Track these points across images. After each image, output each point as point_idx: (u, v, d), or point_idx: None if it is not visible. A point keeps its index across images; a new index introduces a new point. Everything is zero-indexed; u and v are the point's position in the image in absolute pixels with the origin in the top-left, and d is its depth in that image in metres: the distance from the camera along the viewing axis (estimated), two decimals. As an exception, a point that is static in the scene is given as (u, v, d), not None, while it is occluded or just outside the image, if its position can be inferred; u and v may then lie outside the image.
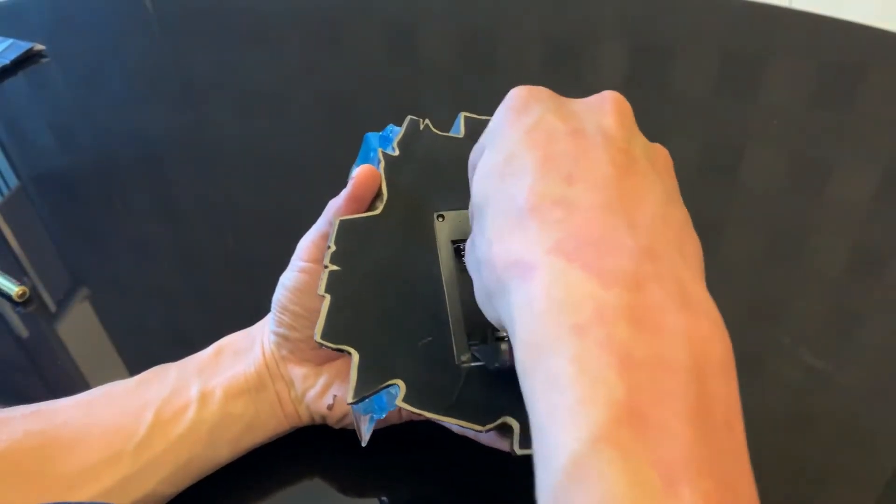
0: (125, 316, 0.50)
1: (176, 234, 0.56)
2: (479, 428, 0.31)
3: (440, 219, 0.36)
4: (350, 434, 0.38)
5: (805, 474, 0.40)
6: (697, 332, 0.21)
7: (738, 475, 0.20)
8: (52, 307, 0.50)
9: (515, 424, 0.31)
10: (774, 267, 0.51)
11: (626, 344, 0.21)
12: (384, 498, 0.39)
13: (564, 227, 0.23)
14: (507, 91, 0.29)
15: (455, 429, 0.35)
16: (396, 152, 0.37)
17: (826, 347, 0.46)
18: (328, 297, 0.33)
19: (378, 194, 0.36)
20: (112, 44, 0.76)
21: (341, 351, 0.32)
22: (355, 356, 0.32)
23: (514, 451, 0.31)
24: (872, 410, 0.43)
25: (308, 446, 0.40)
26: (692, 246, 0.25)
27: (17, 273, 0.52)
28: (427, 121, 0.38)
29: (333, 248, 0.34)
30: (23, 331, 0.49)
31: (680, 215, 0.26)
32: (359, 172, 0.35)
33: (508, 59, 0.72)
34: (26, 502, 0.33)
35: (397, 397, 0.31)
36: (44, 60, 0.72)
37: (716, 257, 0.52)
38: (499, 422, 0.31)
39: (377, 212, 0.35)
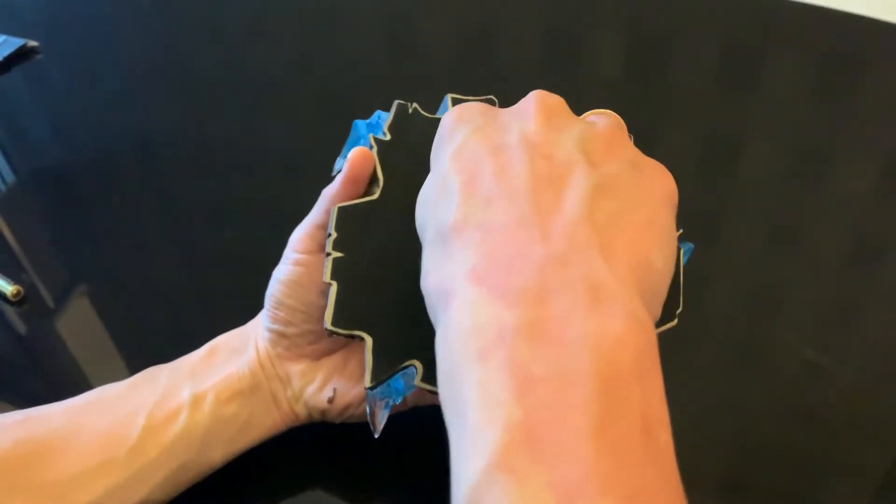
0: (123, 313, 0.50)
1: (174, 231, 0.55)
2: None
3: None
4: (348, 434, 0.38)
5: (804, 467, 0.40)
6: (606, 335, 0.20)
7: (654, 485, 0.19)
8: (50, 304, 0.50)
9: None
10: (773, 261, 0.51)
11: (526, 363, 0.20)
12: (383, 496, 0.39)
13: (479, 251, 0.23)
14: (505, 84, 0.29)
15: None
16: (388, 136, 0.37)
17: (825, 341, 0.46)
18: (335, 283, 0.32)
19: (373, 179, 0.35)
20: (107, 39, 0.76)
21: (353, 337, 0.32)
22: (369, 340, 0.31)
23: None
24: (871, 404, 0.43)
25: (307, 445, 0.39)
26: (631, 229, 0.24)
27: (14, 270, 0.52)
28: (415, 104, 0.38)
29: (335, 234, 0.34)
30: (20, 328, 0.49)
31: (625, 197, 0.24)
32: (353, 154, 0.35)
33: (506, 52, 0.72)
34: None
35: (415, 378, 0.31)
36: (38, 57, 0.71)
37: (714, 251, 0.52)
38: None
39: (375, 196, 0.35)
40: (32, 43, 0.72)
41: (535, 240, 0.23)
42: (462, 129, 0.27)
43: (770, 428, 0.41)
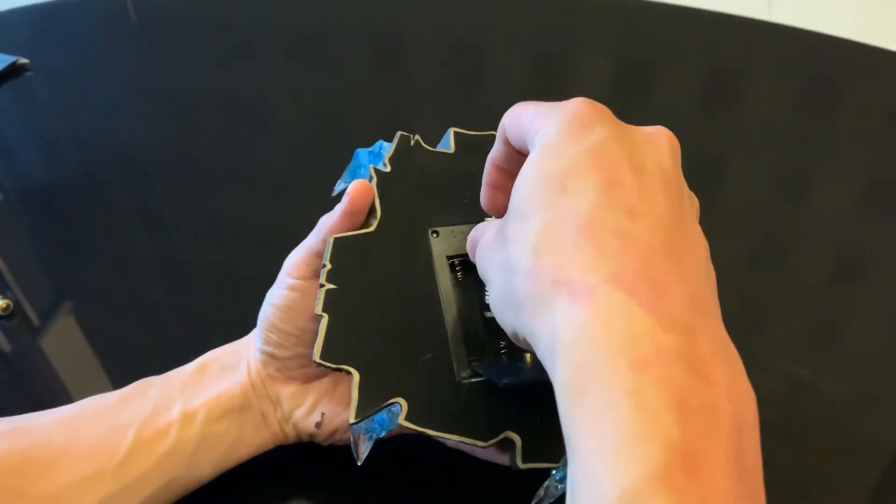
0: (110, 330, 0.50)
1: (160, 249, 0.55)
2: (481, 444, 0.32)
3: (435, 235, 0.36)
4: (338, 451, 0.38)
5: (787, 483, 0.40)
6: (738, 388, 0.22)
7: None
8: (36, 321, 0.50)
9: (518, 439, 0.32)
10: (755, 277, 0.52)
11: (682, 389, 0.21)
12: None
13: (623, 260, 0.23)
14: (495, 104, 0.29)
15: (450, 443, 0.35)
16: (388, 168, 0.37)
17: (808, 357, 0.46)
18: (326, 316, 0.33)
19: (371, 211, 0.36)
20: (96, 57, 0.76)
21: (340, 370, 0.32)
22: (356, 375, 0.31)
23: (516, 465, 0.32)
24: (854, 419, 0.43)
25: (295, 462, 0.39)
26: (716, 300, 0.26)
27: (1, 286, 0.51)
28: (417, 136, 0.38)
29: (329, 266, 0.34)
30: (6, 345, 0.49)
31: (713, 273, 0.26)
32: (353, 187, 0.35)
33: (495, 71, 0.73)
34: None
35: (399, 416, 0.31)
36: (27, 74, 0.71)
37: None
38: (501, 437, 0.32)
39: (371, 228, 0.35)
40: (22, 60, 0.72)
41: (676, 273, 0.23)
42: (601, 128, 0.26)
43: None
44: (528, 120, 0.28)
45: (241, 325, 0.40)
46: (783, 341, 0.47)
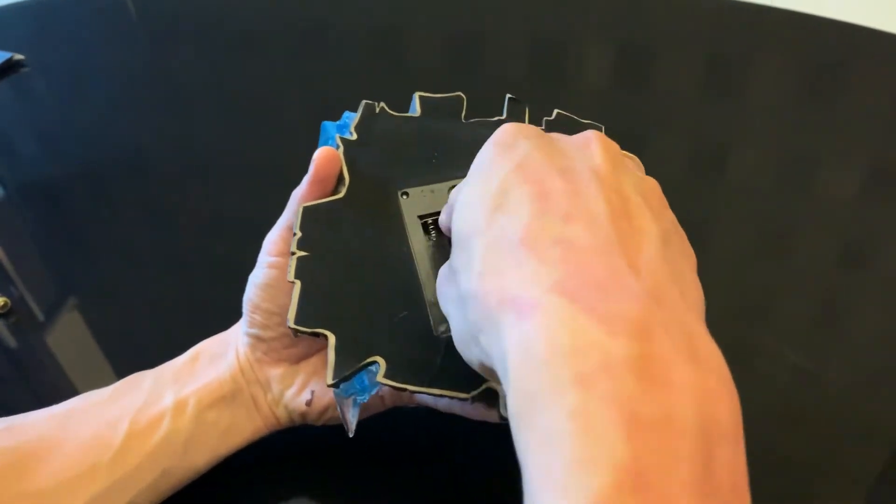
0: (112, 325, 0.50)
1: (162, 242, 0.55)
2: (464, 396, 0.31)
3: (405, 196, 0.36)
4: (331, 438, 0.38)
5: (792, 471, 0.40)
6: (705, 388, 0.20)
7: None
8: (40, 317, 0.50)
9: (500, 389, 0.31)
10: (760, 265, 0.52)
11: (632, 400, 0.19)
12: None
13: (565, 267, 0.22)
14: (496, 95, 0.29)
15: (442, 405, 0.36)
16: (354, 136, 0.37)
17: (812, 346, 0.46)
18: (298, 282, 0.33)
19: (340, 178, 0.36)
20: (93, 52, 0.75)
21: (316, 335, 0.32)
22: (331, 338, 0.31)
23: (502, 416, 0.31)
24: (858, 408, 0.43)
25: (290, 451, 0.39)
26: (694, 289, 0.24)
27: (2, 283, 0.51)
28: (382, 104, 0.38)
29: (299, 234, 0.34)
30: (9, 341, 0.49)
31: (679, 256, 0.25)
32: (318, 154, 0.35)
33: (495, 64, 0.72)
34: None
35: (378, 374, 0.31)
36: (24, 70, 0.71)
37: (701, 256, 0.52)
38: (483, 387, 0.31)
39: (341, 195, 0.35)
40: (18, 56, 0.72)
41: (625, 269, 0.22)
42: (524, 142, 0.26)
43: (757, 432, 0.41)
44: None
45: (240, 320, 0.40)
46: (788, 330, 0.47)
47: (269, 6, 0.80)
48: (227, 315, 0.40)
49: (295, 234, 0.34)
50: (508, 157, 0.26)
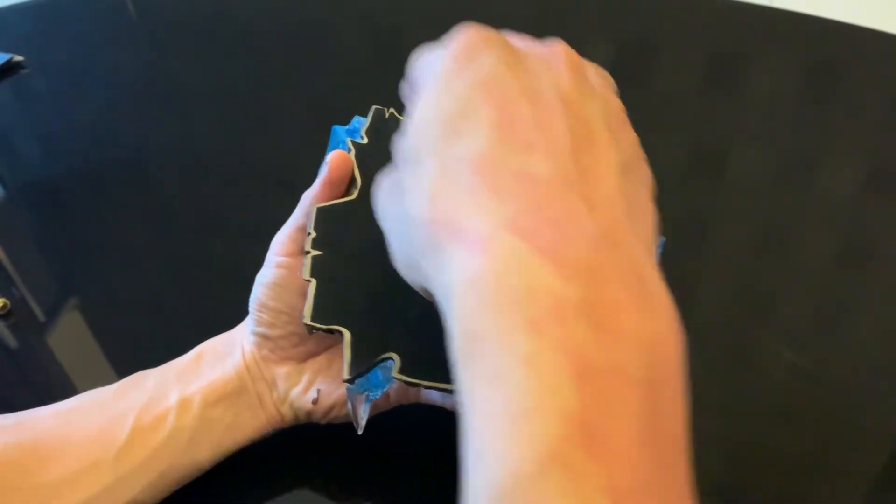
0: (113, 325, 0.50)
1: (162, 243, 0.55)
2: None
3: None
4: (336, 436, 0.38)
5: (790, 470, 0.40)
6: (655, 334, 0.20)
7: (677, 491, 0.19)
8: (41, 317, 0.50)
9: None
10: (759, 264, 0.52)
11: (583, 348, 0.19)
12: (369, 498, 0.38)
13: (520, 202, 0.21)
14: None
15: (449, 402, 0.36)
16: (365, 140, 0.38)
17: (811, 344, 0.46)
18: (314, 280, 0.33)
19: (352, 181, 0.37)
20: (93, 53, 0.75)
21: (331, 332, 0.32)
22: (347, 334, 0.32)
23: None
24: (856, 407, 0.43)
25: (294, 448, 0.39)
26: (646, 215, 0.23)
27: (3, 283, 0.51)
28: (392, 109, 0.39)
29: (314, 234, 0.35)
30: (10, 342, 0.49)
31: (637, 185, 0.24)
32: (331, 157, 0.36)
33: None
34: None
35: (393, 370, 0.31)
36: (23, 71, 0.71)
37: (700, 254, 0.52)
38: None
39: (353, 197, 0.36)
40: (18, 57, 0.72)
41: (582, 206, 0.21)
42: (488, 55, 0.24)
43: (755, 431, 0.41)
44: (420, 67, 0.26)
45: (244, 320, 0.40)
46: (787, 329, 0.47)
47: (269, 6, 0.80)
48: (227, 315, 0.40)
49: (309, 234, 0.35)
50: (470, 71, 0.24)
